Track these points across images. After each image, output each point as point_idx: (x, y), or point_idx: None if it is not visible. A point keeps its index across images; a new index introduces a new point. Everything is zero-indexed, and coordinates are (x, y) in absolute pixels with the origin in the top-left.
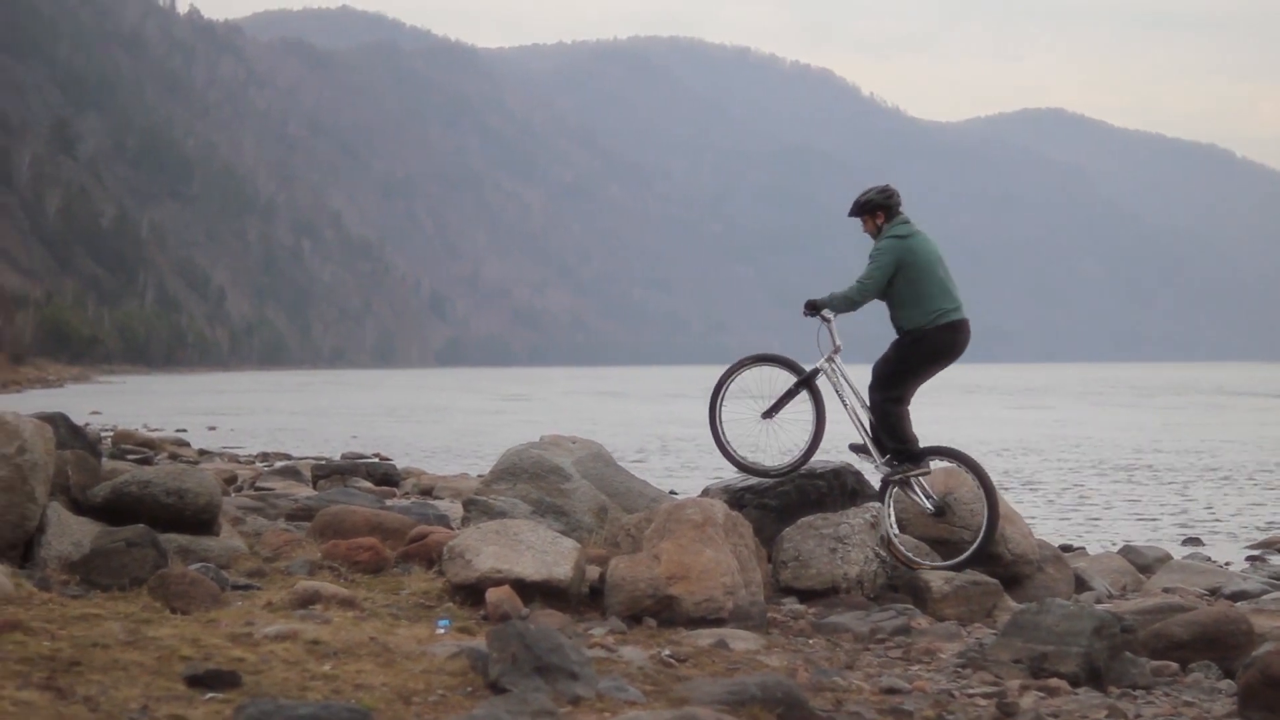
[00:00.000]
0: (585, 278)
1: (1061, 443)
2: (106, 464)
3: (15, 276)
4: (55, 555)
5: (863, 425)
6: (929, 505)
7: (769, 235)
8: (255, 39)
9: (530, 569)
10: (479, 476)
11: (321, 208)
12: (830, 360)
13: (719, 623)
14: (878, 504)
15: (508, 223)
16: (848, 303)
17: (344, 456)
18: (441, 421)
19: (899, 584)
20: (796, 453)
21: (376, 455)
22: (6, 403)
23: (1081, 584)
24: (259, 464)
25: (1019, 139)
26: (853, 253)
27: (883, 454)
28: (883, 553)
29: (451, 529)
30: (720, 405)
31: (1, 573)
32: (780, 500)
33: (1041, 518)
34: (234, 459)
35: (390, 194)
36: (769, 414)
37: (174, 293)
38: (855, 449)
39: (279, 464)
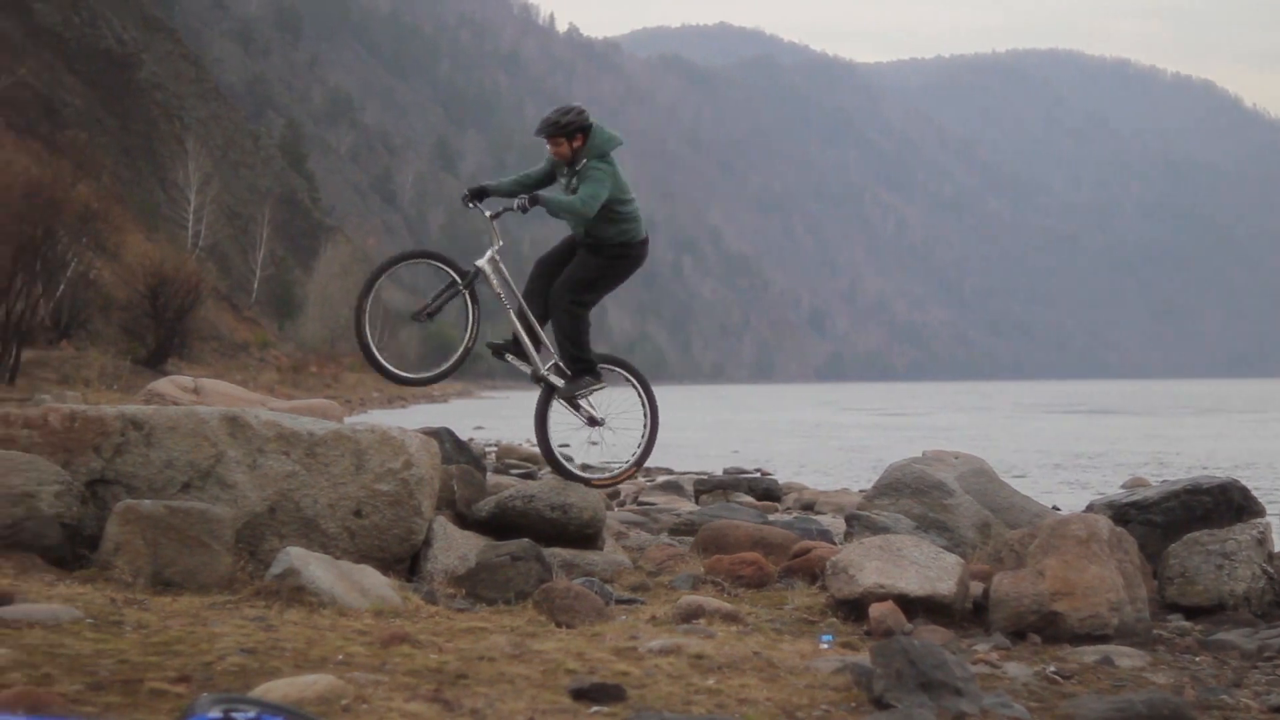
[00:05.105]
0: (965, 291)
1: None
2: (490, 479)
3: (400, 293)
4: (441, 569)
5: (522, 328)
6: (598, 416)
7: (1151, 248)
8: (634, 56)
9: (914, 584)
10: (861, 492)
11: (701, 224)
12: (493, 260)
13: (1103, 639)
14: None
15: (886, 237)
16: (572, 211)
17: (726, 471)
18: (822, 437)
19: None
20: (446, 363)
21: (758, 470)
22: (393, 418)
23: None
24: (641, 479)
25: None
26: (1241, 268)
27: (560, 363)
28: (1271, 569)
29: (834, 544)
30: (367, 306)
31: (389, 586)
32: (1165, 516)
33: None
34: None
35: (768, 209)
36: (422, 315)
37: None
38: (499, 349)
39: (661, 479)
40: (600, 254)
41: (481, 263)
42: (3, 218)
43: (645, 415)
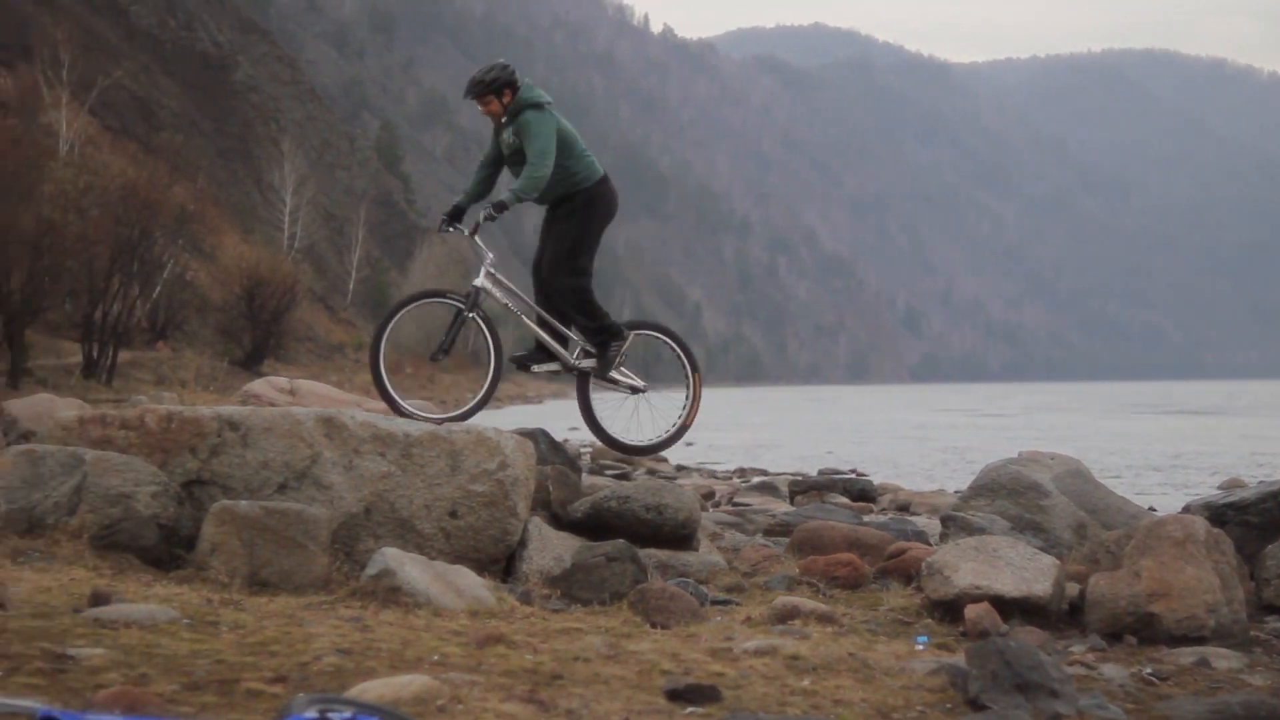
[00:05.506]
0: (1061, 292)
1: None
2: (585, 479)
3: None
4: (536, 569)
5: (541, 329)
6: (639, 384)
7: (1249, 249)
8: (729, 57)
9: (1009, 585)
10: (956, 493)
11: (796, 225)
12: (490, 274)
13: (1200, 641)
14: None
15: (981, 237)
16: (535, 187)
17: (820, 472)
18: (918, 438)
19: None
20: (472, 399)
21: (853, 471)
22: (489, 419)
23: None
24: (736, 480)
25: None
26: None
27: (580, 345)
28: None
29: (929, 545)
30: (382, 353)
31: (485, 586)
32: (1262, 517)
33: None
34: (711, 475)
35: (863, 210)
36: (439, 354)
37: (650, 309)
38: (522, 361)
39: (756, 480)
40: (571, 217)
41: (479, 281)
42: (100, 219)
43: (686, 370)
